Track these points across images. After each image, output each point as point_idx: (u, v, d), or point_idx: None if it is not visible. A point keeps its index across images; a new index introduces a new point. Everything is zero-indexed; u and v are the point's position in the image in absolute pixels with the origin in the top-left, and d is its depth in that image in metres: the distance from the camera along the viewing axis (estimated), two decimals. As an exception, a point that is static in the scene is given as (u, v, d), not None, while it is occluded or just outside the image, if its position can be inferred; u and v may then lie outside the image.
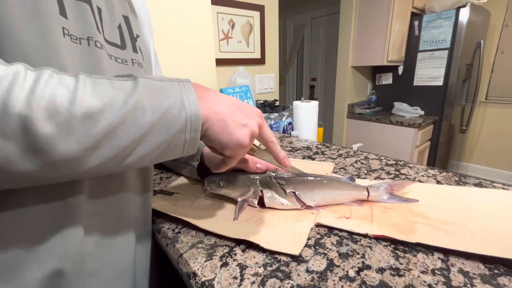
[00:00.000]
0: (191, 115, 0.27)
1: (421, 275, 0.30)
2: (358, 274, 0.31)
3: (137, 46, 0.39)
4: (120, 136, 0.24)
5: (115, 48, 0.34)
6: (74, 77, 0.23)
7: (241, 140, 0.31)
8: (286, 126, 1.24)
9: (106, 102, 0.23)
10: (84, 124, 0.22)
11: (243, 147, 0.32)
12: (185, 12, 0.99)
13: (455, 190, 0.49)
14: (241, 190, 0.45)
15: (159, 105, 0.26)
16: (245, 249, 0.36)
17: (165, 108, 0.26)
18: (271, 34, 1.71)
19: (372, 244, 0.36)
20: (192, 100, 0.27)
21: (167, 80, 0.28)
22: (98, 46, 0.31)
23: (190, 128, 0.27)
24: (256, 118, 0.34)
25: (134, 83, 0.25)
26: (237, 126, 0.31)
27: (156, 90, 0.26)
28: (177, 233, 0.40)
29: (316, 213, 0.43)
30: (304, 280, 0.30)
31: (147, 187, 0.42)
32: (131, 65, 0.37)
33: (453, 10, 1.91)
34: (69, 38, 0.27)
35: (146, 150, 0.26)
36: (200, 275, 0.31)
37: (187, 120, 0.27)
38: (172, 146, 0.28)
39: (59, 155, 0.21)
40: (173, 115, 0.26)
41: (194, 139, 0.28)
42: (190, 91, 0.28)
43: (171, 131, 0.26)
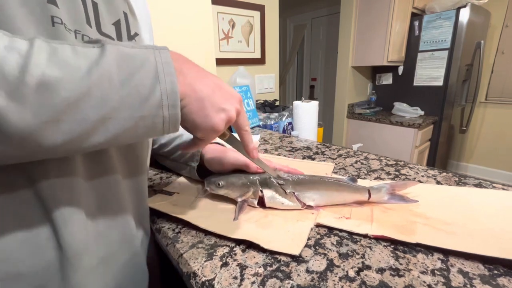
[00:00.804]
0: (167, 89, 0.25)
1: (421, 276, 0.30)
2: (358, 274, 0.31)
3: None
4: (85, 110, 0.21)
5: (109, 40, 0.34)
6: (28, 41, 0.20)
7: (215, 125, 0.30)
8: (286, 126, 1.24)
9: (65, 71, 0.20)
10: (39, 94, 0.19)
11: (216, 131, 0.31)
12: (185, 12, 0.99)
13: (455, 190, 0.49)
14: (241, 190, 0.45)
15: (129, 76, 0.23)
16: (245, 249, 0.36)
17: (137, 79, 0.23)
18: (271, 34, 1.71)
19: (372, 245, 0.36)
20: (168, 72, 0.25)
21: (140, 47, 0.25)
22: (86, 40, 0.29)
23: (167, 103, 0.25)
24: (236, 103, 0.32)
25: (101, 50, 0.22)
26: (215, 110, 0.29)
27: (127, 59, 0.23)
28: (177, 233, 0.40)
29: (316, 213, 0.43)
30: (304, 280, 0.30)
31: (138, 169, 0.40)
32: None
33: (453, 11, 1.91)
34: (62, 27, 0.26)
35: (119, 126, 0.24)
36: (200, 275, 0.32)
37: (162, 94, 0.24)
38: (149, 124, 0.25)
39: (13, 128, 0.19)
40: (146, 88, 0.24)
41: (174, 115, 0.26)
42: (166, 61, 0.25)
43: (145, 107, 0.24)
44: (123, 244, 0.36)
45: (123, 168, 0.36)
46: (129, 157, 0.38)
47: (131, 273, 0.38)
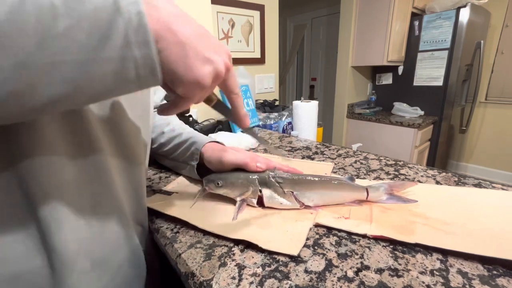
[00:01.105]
0: (132, 20, 0.19)
1: (419, 276, 0.30)
2: (356, 275, 0.30)
3: None
4: (20, 49, 0.16)
5: None
6: None
7: (200, 78, 0.24)
8: (285, 126, 1.23)
9: None
10: None
11: (202, 87, 0.25)
12: (185, 11, 0.99)
13: (454, 190, 0.48)
14: (240, 189, 0.45)
15: (77, 3, 0.17)
16: (244, 249, 0.35)
17: (89, 9, 0.18)
18: (271, 34, 1.71)
19: (371, 245, 0.35)
20: (132, 1, 0.19)
21: None
22: None
23: (135, 39, 0.19)
24: (225, 56, 0.27)
25: None
26: (200, 59, 0.24)
27: None
28: (175, 233, 0.40)
29: (315, 213, 0.43)
30: (303, 280, 0.30)
31: (133, 166, 0.38)
32: None
33: (453, 11, 1.91)
34: None
35: (75, 72, 0.19)
36: (198, 275, 0.31)
37: (126, 28, 0.19)
38: (118, 69, 0.20)
39: None
40: (103, 21, 0.18)
41: (148, 56, 0.20)
42: None
43: (107, 45, 0.19)
44: (120, 245, 0.36)
45: (117, 164, 0.35)
46: (123, 151, 0.36)
47: (129, 274, 0.38)
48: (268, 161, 0.47)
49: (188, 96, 0.26)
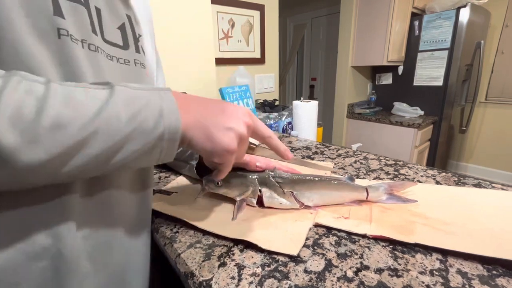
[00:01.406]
0: (170, 124, 0.26)
1: (419, 276, 0.30)
2: (356, 275, 0.30)
3: (139, 46, 0.38)
4: (93, 145, 0.23)
5: (117, 48, 0.34)
6: (45, 84, 0.22)
7: (226, 146, 0.30)
8: (285, 126, 1.23)
9: (77, 112, 0.22)
10: (52, 133, 0.21)
11: (231, 152, 0.31)
12: (185, 11, 0.99)
13: (454, 190, 0.48)
14: (240, 189, 0.45)
15: (135, 114, 0.25)
16: (243, 249, 0.35)
17: (143, 117, 0.25)
18: (271, 34, 1.71)
19: (370, 245, 0.35)
20: (171, 109, 0.27)
21: (146, 89, 0.27)
22: (92, 49, 0.30)
23: (168, 137, 0.27)
24: (244, 118, 0.32)
25: (110, 91, 0.25)
26: (221, 131, 0.30)
27: (134, 99, 0.25)
28: (175, 232, 0.40)
29: (315, 213, 0.43)
30: (302, 280, 0.30)
31: (144, 184, 0.41)
32: (133, 65, 0.36)
33: (453, 10, 1.91)
34: (69, 39, 0.27)
35: (122, 157, 0.25)
36: (197, 275, 0.31)
37: (165, 129, 0.26)
38: (148, 153, 0.27)
39: (23, 164, 0.20)
40: (151, 124, 0.26)
41: (171, 148, 0.28)
42: (169, 100, 0.27)
43: (149, 139, 0.26)
44: (124, 249, 0.36)
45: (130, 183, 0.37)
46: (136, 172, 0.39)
47: (132, 275, 0.38)
48: (267, 161, 0.48)
49: (225, 162, 0.32)
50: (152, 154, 0.27)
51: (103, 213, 0.33)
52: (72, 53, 0.27)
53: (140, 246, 0.40)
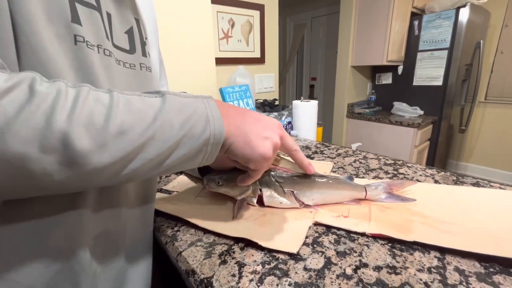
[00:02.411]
0: (215, 130, 0.28)
1: (417, 273, 0.30)
2: (355, 272, 0.31)
3: (146, 50, 0.39)
4: (149, 150, 0.25)
5: (124, 53, 0.34)
6: (109, 93, 0.24)
7: (264, 153, 0.32)
8: (285, 126, 1.24)
9: (137, 118, 0.24)
10: (117, 139, 0.23)
11: (267, 159, 0.33)
12: (185, 11, 0.99)
13: (452, 189, 0.49)
14: (240, 189, 0.45)
15: (186, 121, 0.27)
16: (244, 247, 0.36)
17: (192, 123, 0.27)
18: (271, 33, 1.71)
19: (369, 243, 0.36)
20: (216, 116, 0.29)
21: (191, 97, 0.29)
22: (107, 54, 0.31)
23: (212, 141, 0.29)
24: (277, 129, 0.35)
25: (162, 99, 0.27)
26: (259, 139, 0.32)
27: (183, 106, 0.27)
28: (176, 231, 0.40)
29: (315, 211, 0.43)
30: (302, 277, 0.30)
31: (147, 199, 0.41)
32: (139, 69, 0.37)
33: (453, 10, 1.91)
34: (84, 45, 0.27)
35: (171, 161, 0.27)
36: (199, 273, 0.32)
37: (211, 135, 0.28)
38: (193, 157, 0.29)
39: (91, 167, 0.22)
40: (199, 130, 0.27)
41: (214, 151, 0.30)
42: (213, 108, 0.29)
43: (196, 145, 0.28)
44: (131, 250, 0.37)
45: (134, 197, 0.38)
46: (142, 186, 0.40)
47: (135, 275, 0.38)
48: None
49: (259, 168, 0.35)
50: (197, 158, 0.29)
51: (112, 216, 0.34)
52: (88, 59, 0.28)
53: (143, 246, 0.40)
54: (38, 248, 0.27)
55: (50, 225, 0.27)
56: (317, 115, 1.13)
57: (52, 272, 0.28)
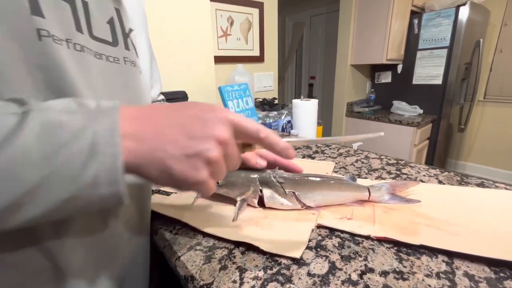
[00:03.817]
0: (106, 164, 0.20)
1: (425, 279, 0.29)
2: (361, 278, 0.30)
3: (129, 43, 0.35)
4: None
5: (105, 45, 0.31)
6: None
7: (190, 179, 0.23)
8: (285, 125, 1.23)
9: None
10: None
11: (199, 183, 0.24)
12: (183, 9, 0.97)
13: (457, 190, 0.48)
14: (241, 189, 0.44)
15: (55, 151, 0.18)
16: (245, 251, 0.35)
17: (66, 155, 0.19)
18: (270, 32, 1.70)
19: (374, 246, 0.35)
20: (110, 142, 0.20)
21: (76, 113, 0.20)
22: (78, 49, 0.27)
23: (105, 180, 0.20)
24: (215, 131, 0.23)
25: (20, 119, 0.18)
26: (180, 163, 0.22)
27: (54, 129, 0.19)
28: (174, 234, 0.39)
29: (317, 213, 0.42)
30: (306, 284, 0.29)
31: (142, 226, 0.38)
32: (123, 63, 0.34)
33: (452, 9, 1.90)
34: (51, 40, 0.24)
35: (39, 210, 0.19)
36: (198, 279, 0.31)
37: (99, 170, 0.20)
38: (83, 204, 0.21)
39: None
40: (77, 165, 0.19)
41: (114, 194, 0.21)
42: (110, 128, 0.20)
43: (74, 187, 0.19)
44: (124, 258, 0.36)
45: None
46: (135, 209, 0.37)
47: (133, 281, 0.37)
48: (268, 153, 0.45)
49: (199, 190, 0.25)
50: (88, 204, 0.21)
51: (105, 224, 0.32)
52: (57, 55, 0.24)
53: (140, 252, 0.39)
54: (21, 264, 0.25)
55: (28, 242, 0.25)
56: (317, 114, 1.12)
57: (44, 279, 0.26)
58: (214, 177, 0.25)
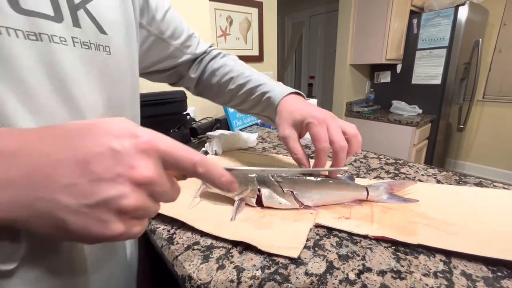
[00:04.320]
0: None
1: (423, 278, 0.29)
2: (358, 277, 0.30)
3: (81, 17, 0.26)
4: None
5: (44, 20, 0.23)
6: None
7: (96, 235, 0.17)
8: (284, 124, 1.22)
9: None
10: None
11: (112, 237, 0.17)
12: (182, 7, 0.97)
13: (455, 190, 0.48)
14: (239, 188, 0.44)
15: None
16: (242, 251, 0.35)
17: None
18: (270, 32, 1.70)
19: (372, 246, 0.35)
20: None
21: None
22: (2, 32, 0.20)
23: None
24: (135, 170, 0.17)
25: None
26: (79, 214, 0.16)
27: None
28: (172, 234, 0.39)
29: (315, 213, 0.42)
30: (303, 283, 0.29)
31: None
32: (72, 46, 0.25)
33: (451, 9, 1.90)
34: None
35: None
36: (195, 278, 0.30)
37: None
38: None
39: None
40: None
41: None
42: None
43: None
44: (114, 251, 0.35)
45: None
46: None
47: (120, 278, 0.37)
48: None
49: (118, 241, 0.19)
50: None
51: None
52: None
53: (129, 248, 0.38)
54: None
55: None
56: (316, 113, 1.11)
57: None
58: (138, 220, 0.19)
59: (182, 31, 0.52)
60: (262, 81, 0.51)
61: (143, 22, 0.43)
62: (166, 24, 0.47)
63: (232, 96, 0.54)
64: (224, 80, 0.54)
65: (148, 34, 0.46)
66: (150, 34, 0.46)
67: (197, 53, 0.55)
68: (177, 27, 0.50)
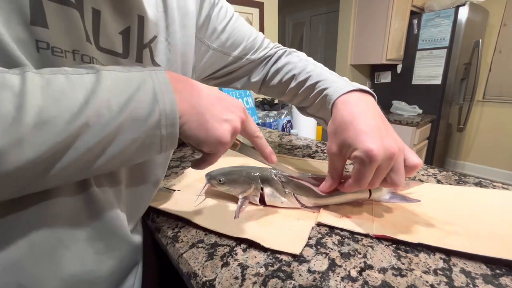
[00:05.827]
0: (166, 109, 0.24)
1: (423, 275, 0.30)
2: (360, 274, 0.30)
3: (144, 54, 0.33)
4: (85, 138, 0.21)
5: (113, 57, 0.30)
6: (20, 75, 0.19)
7: (220, 137, 0.29)
8: (285, 124, 1.23)
9: (62, 104, 0.20)
10: (39, 131, 0.19)
11: (223, 144, 0.29)
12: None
13: (456, 190, 0.48)
14: (242, 187, 0.44)
15: (127, 100, 0.22)
16: (246, 248, 0.35)
17: (135, 103, 0.23)
18: (270, 32, 1.70)
19: (373, 244, 0.35)
20: (166, 91, 0.25)
21: (136, 70, 0.25)
22: (86, 60, 0.27)
23: (165, 123, 0.25)
24: (239, 112, 0.31)
25: (96, 76, 0.22)
26: (217, 121, 0.29)
27: (123, 83, 0.23)
28: (177, 232, 0.40)
29: (317, 212, 0.43)
30: (306, 280, 0.30)
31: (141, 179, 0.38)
32: None
33: (452, 9, 1.91)
34: (49, 53, 0.24)
35: (116, 150, 0.23)
36: (200, 275, 0.31)
37: (161, 115, 0.24)
38: (147, 144, 0.25)
39: (12, 166, 0.18)
40: (145, 110, 0.23)
41: (172, 134, 0.26)
42: (164, 81, 0.25)
43: (143, 128, 0.24)
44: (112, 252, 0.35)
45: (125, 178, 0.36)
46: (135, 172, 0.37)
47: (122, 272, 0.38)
48: None
49: (214, 152, 0.31)
50: (153, 144, 0.25)
51: None
52: None
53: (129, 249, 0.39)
54: None
55: None
56: (317, 114, 1.12)
57: None
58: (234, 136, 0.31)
59: (243, 39, 0.51)
60: (322, 77, 0.46)
61: (203, 38, 0.45)
62: (226, 34, 0.48)
63: (293, 95, 0.53)
64: (286, 79, 0.52)
65: (207, 48, 0.47)
66: (209, 48, 0.47)
67: (255, 58, 0.54)
68: (238, 36, 0.50)
